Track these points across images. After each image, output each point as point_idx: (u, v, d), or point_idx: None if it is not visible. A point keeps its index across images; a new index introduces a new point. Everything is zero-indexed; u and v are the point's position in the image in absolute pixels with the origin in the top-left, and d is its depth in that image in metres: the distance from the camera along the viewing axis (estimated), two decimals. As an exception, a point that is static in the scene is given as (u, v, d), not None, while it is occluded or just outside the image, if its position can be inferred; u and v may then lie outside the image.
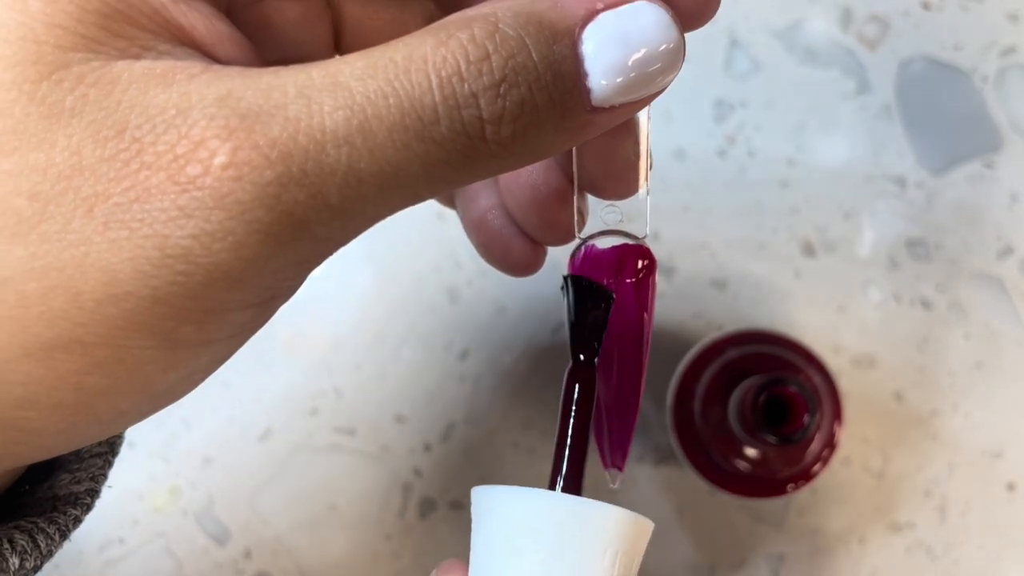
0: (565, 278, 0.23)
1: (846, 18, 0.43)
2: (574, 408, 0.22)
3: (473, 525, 0.22)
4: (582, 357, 0.23)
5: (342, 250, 0.18)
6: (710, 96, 0.43)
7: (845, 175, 0.42)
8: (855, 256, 0.42)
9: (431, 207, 0.42)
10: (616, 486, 0.25)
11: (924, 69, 0.43)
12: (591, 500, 0.20)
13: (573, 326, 0.23)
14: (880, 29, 0.43)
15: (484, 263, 0.26)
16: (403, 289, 0.42)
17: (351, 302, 0.42)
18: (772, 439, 0.32)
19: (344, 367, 0.41)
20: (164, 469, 0.40)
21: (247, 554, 0.40)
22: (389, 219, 0.17)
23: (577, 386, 0.23)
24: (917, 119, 0.43)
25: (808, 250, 0.42)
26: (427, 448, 0.41)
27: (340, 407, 0.41)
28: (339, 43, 0.22)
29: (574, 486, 0.22)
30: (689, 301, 0.41)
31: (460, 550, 0.41)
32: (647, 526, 0.21)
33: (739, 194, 0.42)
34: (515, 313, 0.41)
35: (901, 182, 0.42)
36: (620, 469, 0.26)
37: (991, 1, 0.43)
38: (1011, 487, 0.40)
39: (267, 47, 0.20)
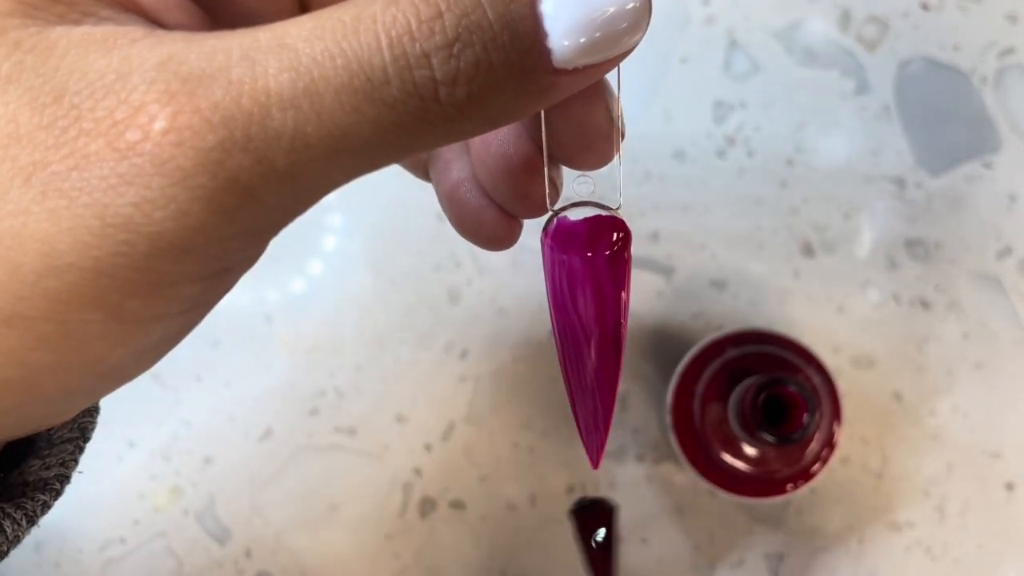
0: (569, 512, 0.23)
1: (845, 19, 0.43)
2: None
3: None
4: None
5: (342, 251, 0.18)
6: (710, 96, 0.43)
7: (844, 175, 0.42)
8: (854, 256, 0.42)
9: (431, 207, 0.42)
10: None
11: (923, 69, 0.43)
12: None
13: (586, 554, 0.23)
14: (879, 30, 0.43)
15: (484, 263, 0.26)
16: (403, 290, 0.42)
17: (351, 303, 0.42)
18: (771, 439, 0.33)
19: (344, 367, 0.41)
20: (165, 469, 0.41)
21: (247, 553, 0.40)
22: (388, 219, 0.17)
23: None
24: (916, 119, 0.43)
25: (808, 250, 0.42)
26: (427, 448, 0.41)
27: (340, 407, 0.41)
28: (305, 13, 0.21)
29: None
30: (689, 301, 0.41)
31: (460, 550, 0.41)
32: None
33: (739, 194, 0.42)
34: (515, 313, 0.41)
35: (900, 182, 0.42)
36: (595, 465, 0.26)
37: (990, 2, 0.43)
38: (1010, 487, 0.40)
39: (229, 20, 0.19)
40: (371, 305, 0.42)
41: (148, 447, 0.41)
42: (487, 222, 0.24)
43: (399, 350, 0.41)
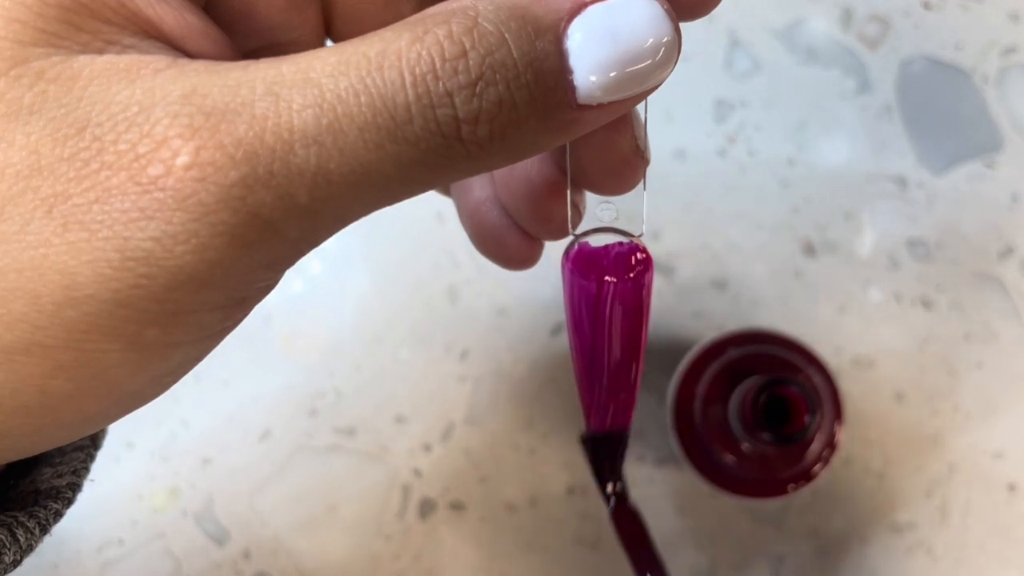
0: (581, 440, 0.24)
1: (847, 18, 0.43)
2: (628, 553, 0.23)
3: None
4: (612, 501, 0.24)
5: (341, 250, 0.17)
6: (710, 96, 0.43)
7: (845, 175, 0.42)
8: (855, 256, 0.42)
9: (430, 206, 0.42)
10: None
11: (925, 69, 0.43)
12: None
13: (596, 473, 0.24)
14: (881, 29, 0.43)
15: (484, 263, 0.26)
16: (402, 289, 0.42)
17: (350, 302, 0.42)
18: (772, 439, 0.32)
19: (344, 367, 0.41)
20: (163, 469, 0.40)
21: (246, 555, 0.40)
22: (388, 219, 0.17)
23: (620, 530, 0.24)
24: (918, 119, 0.43)
25: (808, 250, 0.42)
26: (427, 448, 0.41)
27: (340, 407, 0.41)
28: (330, 27, 0.21)
29: None
30: (689, 301, 0.41)
31: (460, 551, 0.41)
32: None
33: (739, 194, 0.42)
34: (515, 313, 0.41)
35: (901, 182, 0.42)
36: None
37: (991, 1, 0.43)
38: (1012, 488, 0.40)
39: (254, 34, 0.20)
40: (370, 305, 0.42)
41: (147, 448, 0.41)
42: (508, 242, 0.24)
43: (399, 350, 0.41)
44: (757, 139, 0.42)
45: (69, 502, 0.20)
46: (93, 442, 0.21)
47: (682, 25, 0.17)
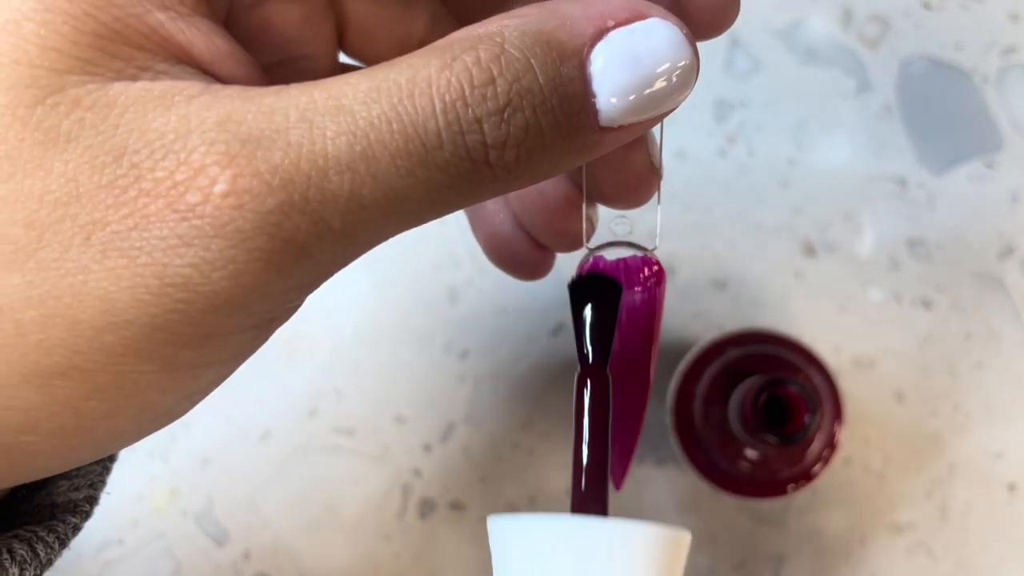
0: (569, 284, 0.22)
1: (847, 18, 0.43)
2: (586, 418, 0.21)
3: (493, 559, 0.20)
4: (590, 358, 0.21)
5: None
6: (710, 96, 0.43)
7: (845, 175, 0.42)
8: (855, 256, 0.42)
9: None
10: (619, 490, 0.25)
11: (925, 69, 0.43)
12: (616, 521, 0.19)
13: (576, 324, 0.21)
14: (881, 29, 0.43)
15: (484, 263, 0.26)
16: (403, 289, 0.42)
17: (351, 303, 0.42)
18: (772, 439, 0.32)
19: (344, 368, 0.41)
20: (164, 470, 0.40)
21: (246, 555, 0.40)
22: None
23: (587, 392, 0.21)
24: (918, 119, 0.43)
25: (808, 250, 0.42)
26: (427, 448, 0.41)
27: (340, 408, 0.41)
28: (343, 41, 0.21)
29: (597, 504, 0.20)
30: (689, 301, 0.41)
31: (460, 551, 0.41)
32: (683, 539, 0.19)
33: (739, 194, 0.42)
34: (515, 313, 0.41)
35: (902, 182, 0.42)
36: (617, 487, 0.26)
37: (992, 1, 0.43)
38: (1012, 488, 0.40)
39: (270, 49, 0.20)
40: (371, 305, 0.42)
41: (146, 448, 0.41)
42: (522, 254, 0.25)
43: (398, 350, 0.41)
44: (757, 139, 0.42)
45: (87, 515, 0.20)
46: (109, 455, 0.21)
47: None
